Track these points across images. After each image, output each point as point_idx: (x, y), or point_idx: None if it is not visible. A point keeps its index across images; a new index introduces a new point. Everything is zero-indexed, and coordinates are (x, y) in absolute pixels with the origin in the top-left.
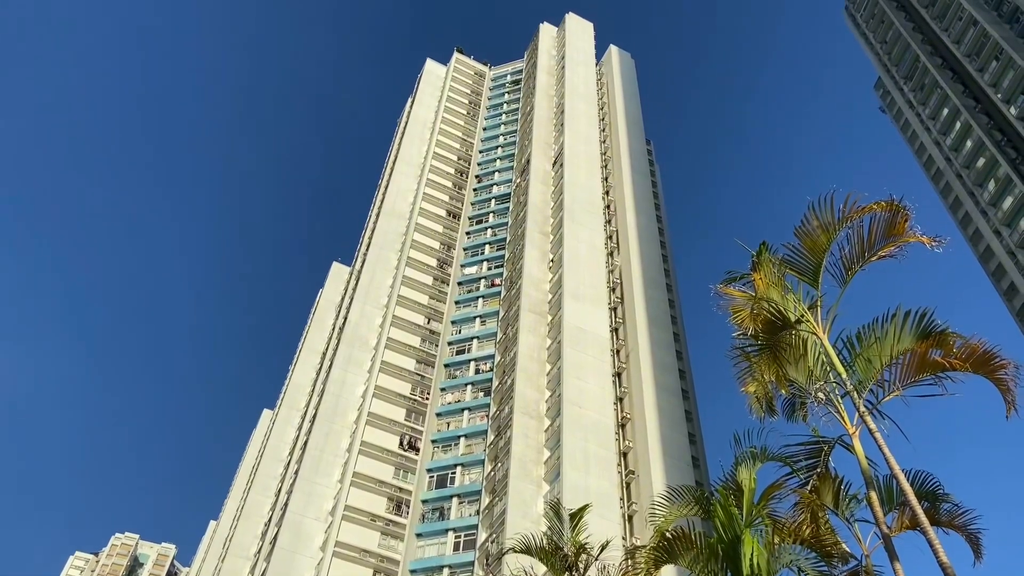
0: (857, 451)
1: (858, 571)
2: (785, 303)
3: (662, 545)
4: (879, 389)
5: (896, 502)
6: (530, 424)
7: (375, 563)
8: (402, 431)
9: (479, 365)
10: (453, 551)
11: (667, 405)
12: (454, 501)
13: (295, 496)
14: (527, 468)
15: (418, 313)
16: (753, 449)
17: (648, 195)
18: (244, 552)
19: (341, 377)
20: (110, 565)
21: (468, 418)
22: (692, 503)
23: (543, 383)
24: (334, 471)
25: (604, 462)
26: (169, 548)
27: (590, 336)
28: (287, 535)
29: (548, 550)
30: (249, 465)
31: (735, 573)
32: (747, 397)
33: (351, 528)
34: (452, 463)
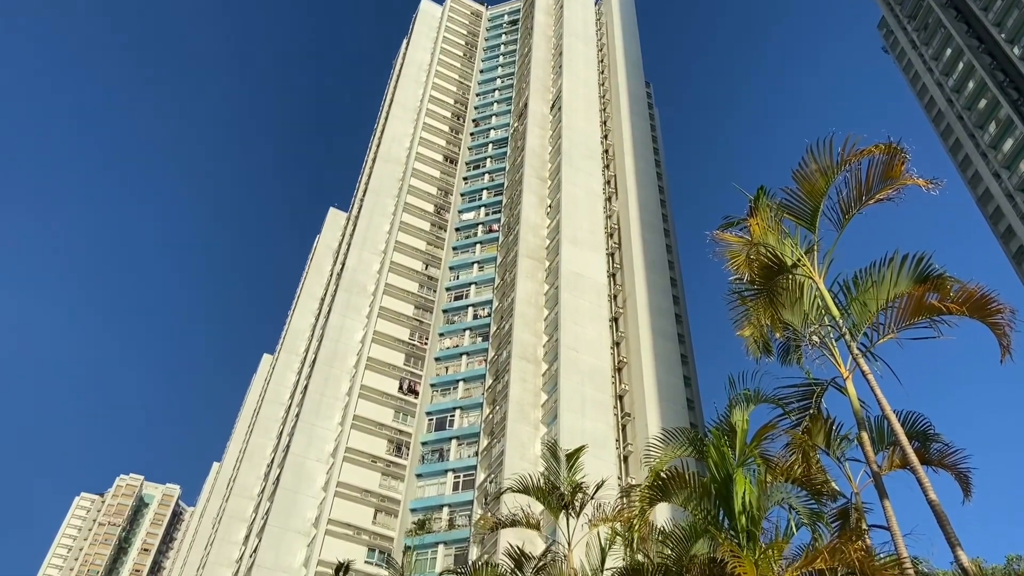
0: (850, 393)
1: (848, 509)
2: (782, 247)
3: (657, 484)
4: (873, 333)
5: (887, 442)
6: (528, 368)
7: (376, 502)
8: (401, 375)
9: (477, 311)
10: (452, 491)
11: (663, 349)
12: (453, 443)
13: (296, 438)
14: (525, 411)
15: (416, 259)
16: (747, 391)
17: (647, 139)
18: (248, 492)
19: (340, 323)
20: (116, 505)
21: (466, 363)
22: (686, 444)
23: (541, 328)
24: (334, 414)
25: (600, 405)
26: (174, 489)
27: (587, 281)
28: (289, 475)
29: (545, 489)
30: (250, 409)
31: (727, 511)
32: (743, 341)
33: (352, 469)
34: (451, 406)
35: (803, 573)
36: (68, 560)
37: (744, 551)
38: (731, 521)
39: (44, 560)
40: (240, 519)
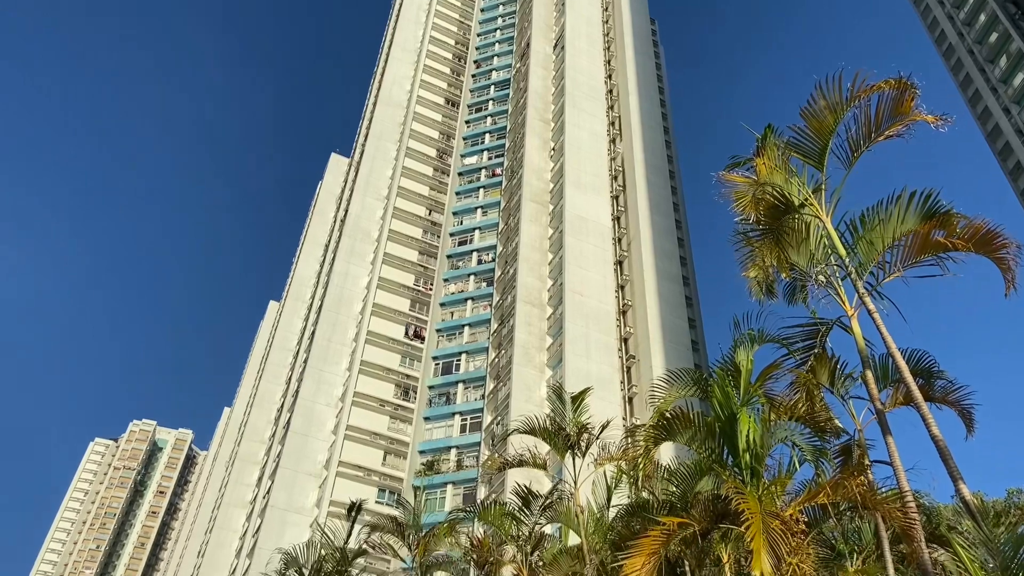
0: (855, 331)
1: (850, 445)
2: (789, 187)
3: (661, 424)
4: (879, 271)
5: (891, 380)
6: (532, 312)
7: (385, 445)
8: (407, 321)
9: (481, 255)
10: (460, 433)
11: (668, 291)
12: (459, 387)
13: (305, 384)
14: (530, 354)
15: (419, 204)
16: (751, 332)
17: (652, 79)
18: (259, 436)
19: (344, 269)
20: (130, 450)
21: (471, 307)
22: (691, 384)
23: (545, 272)
24: (342, 360)
25: (605, 348)
26: (186, 433)
27: (591, 225)
28: (299, 420)
29: (551, 430)
30: (259, 355)
31: (731, 449)
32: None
33: (361, 413)
34: (457, 351)
35: (806, 508)
36: (85, 503)
37: (748, 487)
38: (735, 459)
39: (61, 503)
40: (252, 462)
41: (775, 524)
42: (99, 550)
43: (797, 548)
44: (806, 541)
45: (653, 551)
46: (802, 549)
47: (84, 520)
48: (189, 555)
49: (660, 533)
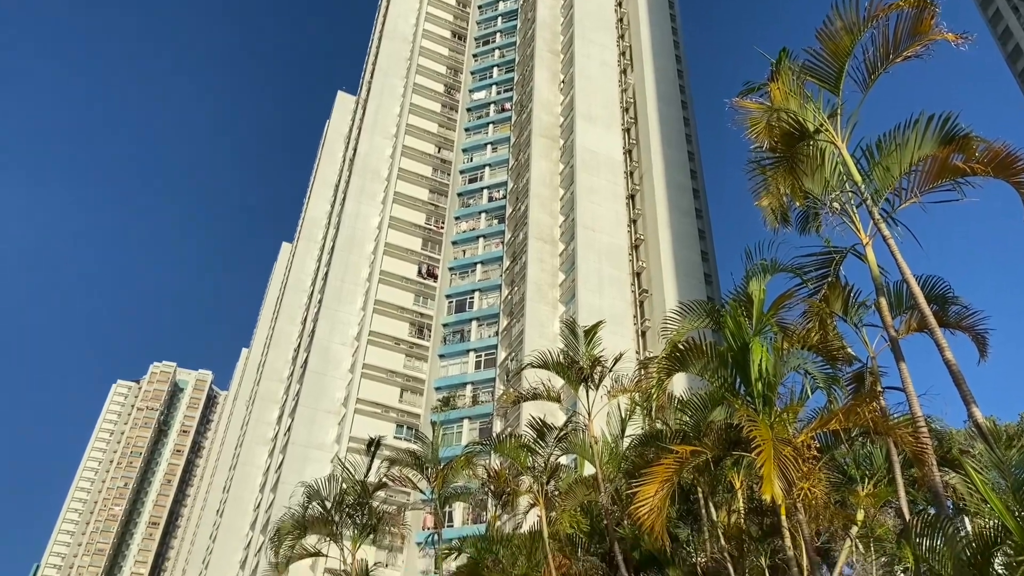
0: (869, 259)
1: (863, 373)
2: (804, 113)
3: (674, 355)
4: (895, 198)
5: (905, 307)
6: (544, 249)
7: (402, 382)
8: (419, 260)
9: (492, 193)
10: (475, 369)
11: (680, 225)
12: (473, 324)
13: (320, 324)
14: (543, 291)
15: (428, 142)
16: (764, 262)
17: (663, 5)
18: (277, 376)
19: (355, 209)
20: (152, 391)
21: (483, 245)
22: (703, 316)
23: (556, 208)
24: (356, 299)
25: (618, 282)
26: (206, 374)
27: (603, 159)
28: (316, 359)
29: (564, 364)
30: (274, 296)
31: (744, 378)
32: (761, 211)
33: (377, 351)
34: (470, 289)
35: (817, 434)
36: (111, 443)
37: (760, 415)
38: (747, 388)
39: (88, 443)
40: (272, 401)
41: (786, 450)
42: (127, 487)
43: (808, 473)
44: (817, 467)
45: (666, 478)
46: (813, 474)
47: (111, 459)
48: (215, 491)
49: (673, 461)
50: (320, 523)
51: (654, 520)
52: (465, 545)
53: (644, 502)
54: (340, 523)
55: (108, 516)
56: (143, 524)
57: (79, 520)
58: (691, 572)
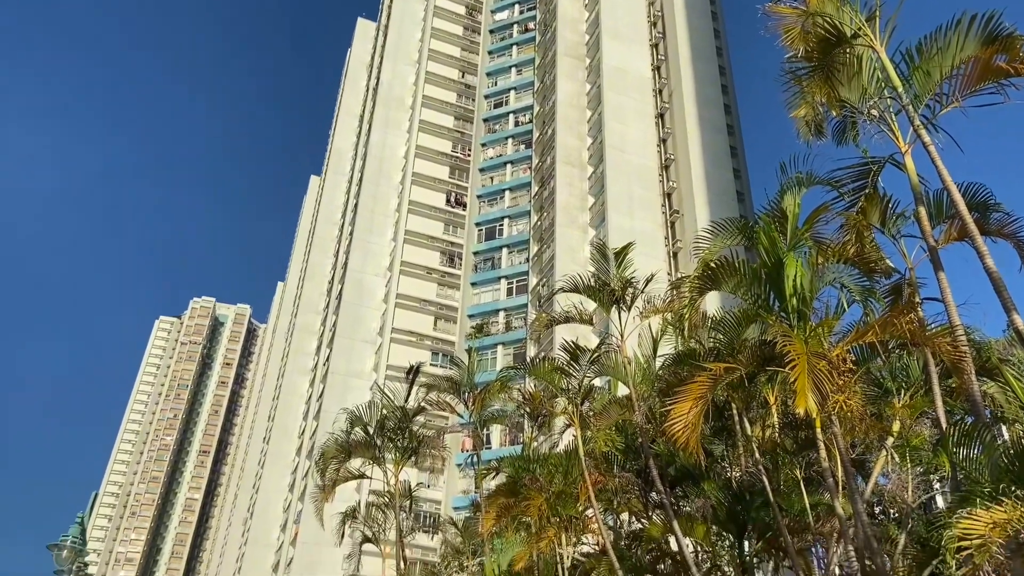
0: (908, 168)
1: (901, 284)
2: (840, 16)
3: (706, 274)
4: (935, 103)
5: (945, 215)
6: (573, 173)
7: (435, 311)
8: (447, 188)
9: (518, 117)
10: (506, 296)
11: (712, 142)
12: (504, 251)
13: (353, 255)
14: (572, 215)
15: (451, 67)
16: (800, 175)
17: None
18: (313, 308)
19: (381, 139)
20: (193, 326)
21: (511, 171)
22: (736, 233)
23: (584, 130)
24: (386, 230)
25: (648, 204)
26: (245, 308)
27: (631, 77)
28: (351, 291)
29: (595, 287)
30: (306, 230)
31: (778, 294)
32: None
33: (409, 281)
34: (499, 216)
35: (853, 347)
36: (158, 376)
37: (794, 331)
38: (781, 304)
39: (136, 377)
40: (310, 332)
41: (821, 364)
42: (176, 418)
43: (843, 387)
44: (853, 380)
45: (700, 396)
46: (848, 387)
47: (159, 392)
48: (260, 420)
49: (706, 379)
50: (363, 447)
51: (688, 436)
52: (503, 465)
53: (678, 419)
54: (382, 447)
55: (160, 446)
56: (194, 453)
57: (133, 450)
58: (726, 486)
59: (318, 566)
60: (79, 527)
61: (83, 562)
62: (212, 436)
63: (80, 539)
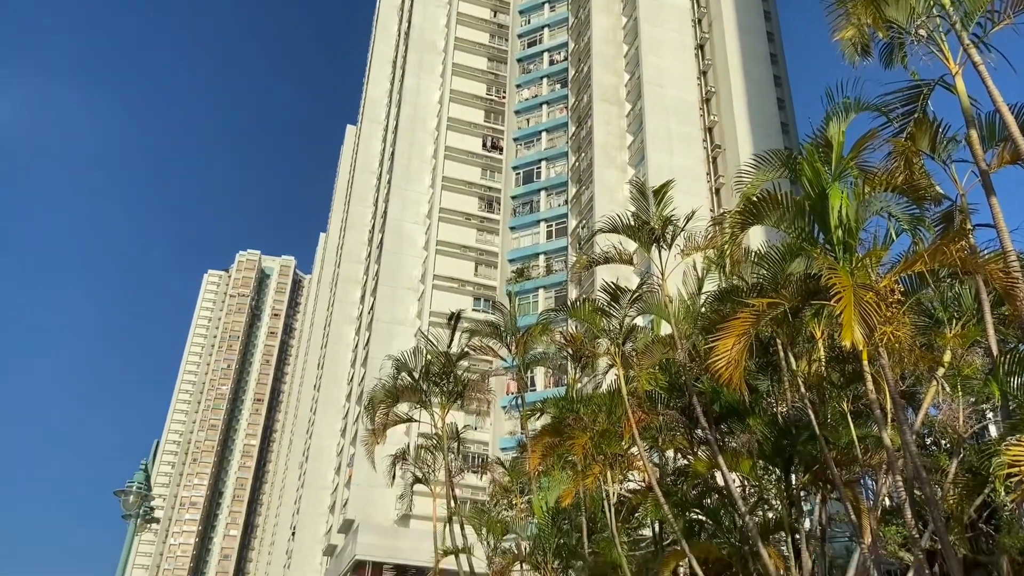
0: (959, 90)
1: (951, 211)
2: None
3: (748, 208)
4: (987, 22)
5: (997, 139)
6: (610, 110)
7: (475, 256)
8: (483, 132)
9: (553, 55)
10: (546, 239)
11: (754, 73)
12: (542, 194)
13: (392, 204)
14: (610, 155)
15: (483, 7)
16: (846, 101)
17: None
18: (355, 258)
19: (415, 85)
20: (240, 279)
21: (547, 112)
22: (779, 166)
23: (621, 66)
24: (424, 177)
25: (688, 139)
26: (289, 260)
27: (668, 7)
28: (391, 239)
29: (635, 226)
30: (344, 180)
31: (822, 226)
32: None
33: (448, 227)
34: (536, 158)
35: (902, 278)
36: (210, 329)
37: (840, 263)
38: (826, 236)
39: (189, 330)
40: (353, 281)
41: (867, 296)
42: (230, 368)
43: (891, 318)
44: (901, 311)
45: (743, 332)
46: (897, 318)
47: (212, 344)
48: (310, 368)
49: (749, 314)
50: (409, 392)
51: (732, 373)
52: (547, 406)
53: (721, 356)
54: (428, 391)
55: (216, 395)
56: (248, 401)
57: (191, 400)
58: (772, 421)
59: (372, 506)
60: (143, 473)
61: (149, 507)
62: (265, 385)
63: (145, 485)
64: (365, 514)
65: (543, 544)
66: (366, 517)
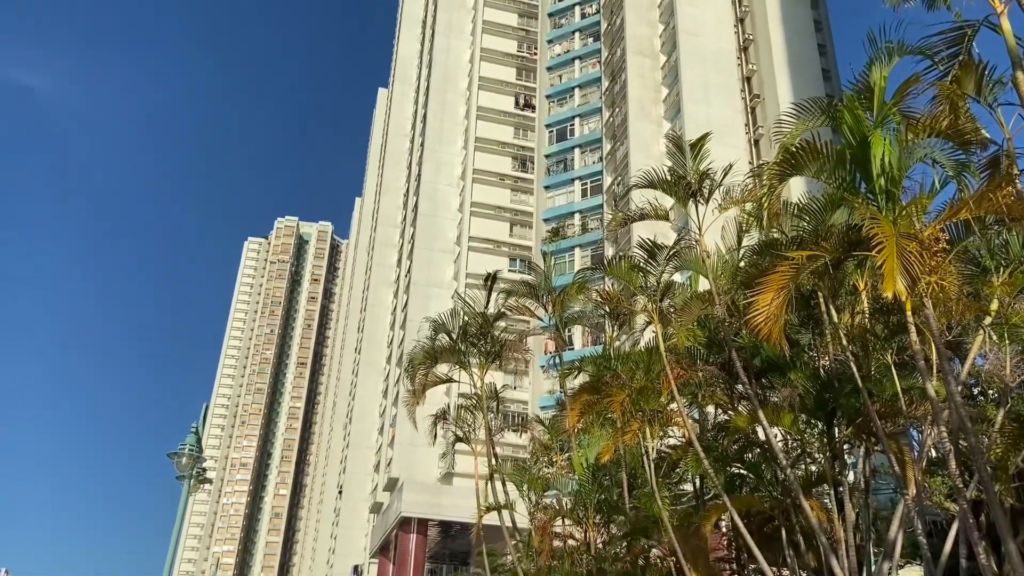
0: (1005, 30)
1: (998, 157)
2: None
3: (786, 159)
4: None
5: None
6: (645, 63)
7: (510, 217)
8: (515, 91)
9: (584, 8)
10: (581, 198)
11: (794, 17)
12: (576, 152)
13: (425, 167)
14: (645, 108)
15: None
16: (889, 44)
17: None
18: (391, 221)
19: (445, 45)
20: (280, 245)
21: (580, 68)
22: (819, 114)
23: (655, 16)
24: (456, 139)
25: (726, 90)
26: (326, 226)
27: None
28: (425, 202)
29: (671, 181)
30: (377, 144)
31: (864, 175)
32: None
33: (482, 188)
34: (569, 115)
35: (948, 226)
36: (252, 295)
37: (882, 212)
38: (868, 185)
39: (232, 297)
40: (390, 245)
41: (911, 245)
42: (273, 333)
43: (936, 267)
44: (946, 259)
45: (782, 286)
46: (942, 267)
47: (255, 310)
48: (351, 332)
49: (788, 268)
50: (447, 353)
51: (771, 327)
52: (585, 364)
53: (760, 311)
54: (466, 352)
55: (261, 359)
56: (292, 364)
57: (236, 365)
58: (814, 375)
59: (416, 465)
60: (195, 436)
61: (201, 468)
62: (307, 349)
63: (196, 447)
64: (409, 472)
65: (584, 499)
66: (410, 475)
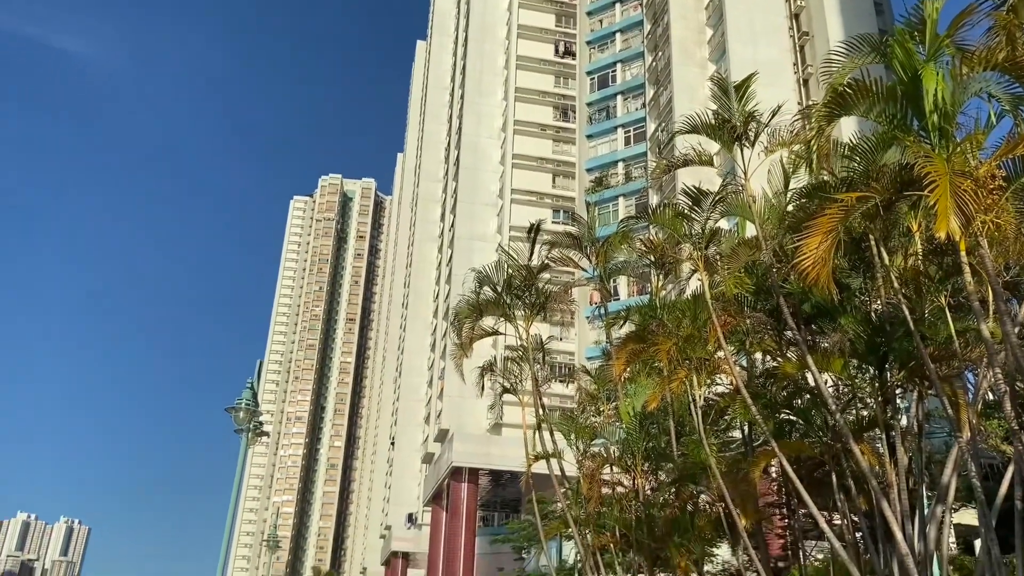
0: None
1: None
2: None
3: (835, 99)
4: None
5: None
6: (687, 3)
7: (552, 168)
8: (555, 38)
9: None
10: (624, 146)
11: None
12: (618, 99)
13: (466, 119)
14: (689, 51)
15: None
16: None
17: None
18: (433, 176)
19: None
20: (325, 203)
21: (620, 11)
22: (870, 50)
23: None
24: (496, 90)
25: (773, 29)
26: (370, 182)
27: None
28: (467, 155)
29: (715, 125)
30: (417, 98)
31: (916, 112)
32: None
33: (524, 140)
34: (611, 61)
35: (1005, 163)
36: (300, 253)
37: (935, 150)
38: (921, 122)
39: (281, 255)
40: (433, 200)
41: (965, 183)
42: (322, 290)
43: (992, 205)
44: (1003, 197)
45: (830, 229)
46: (998, 206)
47: (303, 267)
48: (397, 286)
49: (837, 210)
50: (493, 306)
51: (819, 272)
52: (630, 314)
53: (808, 255)
54: (511, 304)
55: (311, 316)
56: (342, 320)
57: (287, 322)
58: (865, 319)
59: (465, 415)
60: (250, 391)
61: (258, 421)
62: (356, 305)
63: (252, 401)
64: (458, 423)
65: (632, 447)
66: (459, 426)
